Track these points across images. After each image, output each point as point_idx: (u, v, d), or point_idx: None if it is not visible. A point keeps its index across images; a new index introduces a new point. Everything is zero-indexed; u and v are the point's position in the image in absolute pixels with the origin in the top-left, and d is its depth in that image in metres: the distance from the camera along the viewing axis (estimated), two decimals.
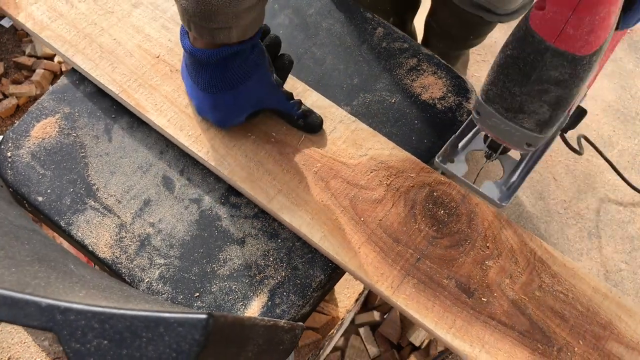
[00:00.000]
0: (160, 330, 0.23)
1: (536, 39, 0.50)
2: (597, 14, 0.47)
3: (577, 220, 1.24)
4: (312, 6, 0.92)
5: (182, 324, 0.23)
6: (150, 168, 0.79)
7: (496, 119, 0.58)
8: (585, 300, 0.67)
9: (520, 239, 0.71)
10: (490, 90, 0.56)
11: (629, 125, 1.34)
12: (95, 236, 0.74)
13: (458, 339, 0.65)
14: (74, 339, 0.23)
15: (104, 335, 0.23)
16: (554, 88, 0.52)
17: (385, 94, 0.85)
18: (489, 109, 0.58)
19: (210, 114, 0.73)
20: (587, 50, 0.49)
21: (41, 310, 0.23)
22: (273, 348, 0.36)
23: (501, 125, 0.58)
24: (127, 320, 0.23)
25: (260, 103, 0.73)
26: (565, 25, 0.48)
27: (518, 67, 0.53)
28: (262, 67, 0.69)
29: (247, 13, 0.62)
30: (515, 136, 0.58)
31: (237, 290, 0.71)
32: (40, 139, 0.80)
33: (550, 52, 0.50)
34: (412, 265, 0.69)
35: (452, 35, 1.18)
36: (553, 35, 0.49)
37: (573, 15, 0.47)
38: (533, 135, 0.57)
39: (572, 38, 0.49)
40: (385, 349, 1.20)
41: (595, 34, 0.48)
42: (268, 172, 0.74)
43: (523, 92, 0.54)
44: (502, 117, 0.57)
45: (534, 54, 0.51)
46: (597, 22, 0.48)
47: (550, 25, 0.49)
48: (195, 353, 0.23)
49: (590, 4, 0.46)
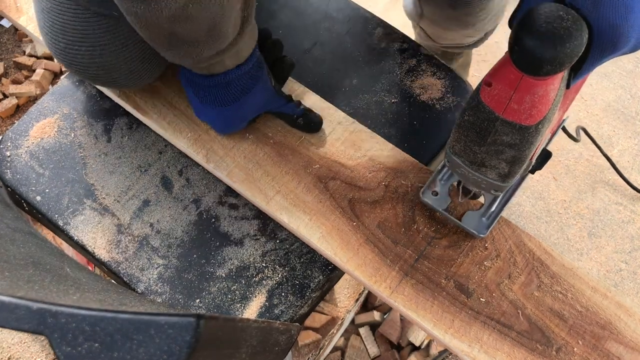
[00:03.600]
0: (151, 332, 0.23)
1: (487, 109, 0.55)
2: (536, 93, 0.51)
3: (577, 220, 1.24)
4: (311, 6, 0.92)
5: (173, 325, 0.23)
6: (149, 168, 0.79)
7: (464, 169, 0.63)
8: (584, 300, 0.67)
9: (519, 239, 0.70)
10: (455, 146, 0.62)
11: (629, 125, 1.33)
12: (93, 236, 0.75)
13: (456, 339, 0.65)
14: (65, 342, 0.23)
15: (95, 338, 0.23)
16: (508, 149, 0.57)
17: (385, 95, 0.85)
18: (457, 161, 0.63)
19: (211, 123, 0.74)
20: (532, 121, 0.54)
21: (32, 313, 0.23)
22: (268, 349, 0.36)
23: (469, 174, 0.63)
24: (118, 323, 0.23)
25: (260, 109, 0.73)
26: (510, 101, 0.53)
27: (475, 130, 0.58)
28: (261, 79, 0.70)
29: (233, 45, 0.62)
30: (483, 184, 0.63)
31: (235, 290, 0.71)
32: (39, 138, 0.80)
33: (500, 121, 0.55)
34: (410, 265, 0.69)
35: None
36: (500, 109, 0.54)
37: (515, 93, 0.52)
38: (497, 184, 0.62)
39: (517, 111, 0.53)
40: (385, 349, 1.20)
41: (536, 109, 0.53)
42: (267, 173, 0.74)
43: (482, 151, 0.59)
44: (468, 168, 0.62)
45: (486, 122, 0.56)
46: (537, 99, 0.52)
47: (497, 100, 0.54)
48: (185, 354, 0.23)
49: (529, 85, 0.51)
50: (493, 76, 0.53)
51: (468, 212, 0.71)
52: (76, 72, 0.69)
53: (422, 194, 0.71)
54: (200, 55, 0.61)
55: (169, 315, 0.23)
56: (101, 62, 0.67)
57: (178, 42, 0.58)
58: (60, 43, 0.66)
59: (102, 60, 0.67)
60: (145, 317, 0.23)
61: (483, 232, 0.69)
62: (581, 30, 0.46)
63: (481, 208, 0.71)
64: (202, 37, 0.58)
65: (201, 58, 0.61)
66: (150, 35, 0.58)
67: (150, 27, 0.55)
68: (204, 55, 0.61)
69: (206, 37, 0.58)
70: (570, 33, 0.46)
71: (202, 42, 0.58)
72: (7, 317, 0.23)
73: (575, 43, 0.46)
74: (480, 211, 0.71)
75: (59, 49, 0.67)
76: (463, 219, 0.70)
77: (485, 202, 0.71)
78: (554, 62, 0.47)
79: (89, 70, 0.68)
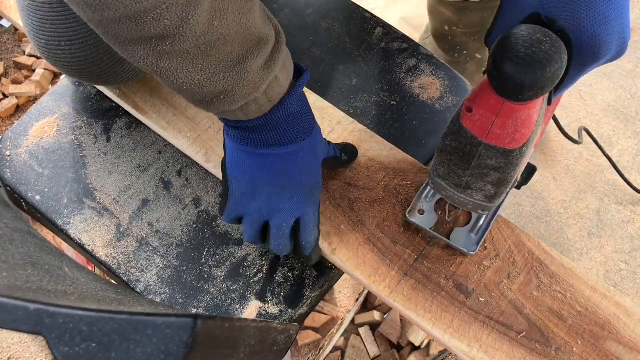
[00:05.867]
0: (148, 333, 0.23)
1: (469, 134, 0.54)
2: (519, 118, 0.51)
3: (577, 220, 1.24)
4: (310, 6, 0.92)
5: (170, 326, 0.23)
6: (148, 168, 0.79)
7: (449, 192, 0.62)
8: (583, 300, 0.67)
9: (518, 239, 0.70)
10: (439, 169, 0.61)
11: (629, 125, 1.33)
12: (92, 236, 0.75)
13: (456, 339, 0.65)
14: (63, 343, 0.23)
15: (93, 338, 0.23)
16: (493, 172, 0.57)
17: (384, 95, 0.85)
18: (441, 184, 0.62)
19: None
20: (516, 145, 0.53)
21: (29, 314, 0.23)
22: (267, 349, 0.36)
23: (454, 196, 0.63)
24: (115, 323, 0.23)
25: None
26: (492, 126, 0.52)
27: (458, 155, 0.57)
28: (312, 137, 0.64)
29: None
30: (469, 204, 0.63)
31: (234, 290, 0.71)
32: (38, 138, 0.80)
33: (484, 146, 0.54)
34: (410, 265, 0.69)
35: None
36: (483, 134, 0.53)
37: (497, 119, 0.51)
38: (484, 205, 0.62)
39: (500, 136, 0.53)
40: (385, 349, 1.20)
41: (520, 133, 0.52)
42: None
43: (467, 174, 0.58)
44: (454, 190, 0.62)
45: (469, 146, 0.55)
46: (519, 123, 0.51)
47: (479, 126, 0.53)
48: (183, 354, 0.23)
49: (511, 110, 0.50)
50: (473, 101, 0.52)
51: (456, 229, 0.70)
52: (62, 69, 0.69)
53: (408, 214, 0.70)
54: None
55: (166, 316, 0.24)
56: (82, 56, 0.66)
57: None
58: (41, 40, 0.66)
59: (83, 55, 0.66)
60: (143, 317, 0.23)
61: (472, 248, 0.68)
62: (561, 53, 0.45)
63: (469, 224, 0.70)
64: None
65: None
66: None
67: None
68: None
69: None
70: (550, 57, 0.45)
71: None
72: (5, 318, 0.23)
73: (556, 67, 0.45)
74: (468, 227, 0.70)
75: (41, 46, 0.67)
76: (451, 236, 0.69)
77: (473, 217, 0.71)
78: (535, 88, 0.46)
79: (73, 66, 0.68)
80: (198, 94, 0.53)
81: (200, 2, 0.44)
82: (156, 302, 0.65)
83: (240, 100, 0.54)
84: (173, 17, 0.44)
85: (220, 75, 0.51)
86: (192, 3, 0.44)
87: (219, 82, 0.51)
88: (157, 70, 0.49)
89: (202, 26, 0.46)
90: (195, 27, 0.45)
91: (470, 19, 1.11)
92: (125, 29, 0.44)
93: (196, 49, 0.47)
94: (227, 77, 0.51)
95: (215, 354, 0.26)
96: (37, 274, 0.33)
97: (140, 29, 0.44)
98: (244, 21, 0.49)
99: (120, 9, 0.41)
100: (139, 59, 0.48)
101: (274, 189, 0.63)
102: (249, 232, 0.66)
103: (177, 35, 0.45)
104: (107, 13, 0.42)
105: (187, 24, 0.45)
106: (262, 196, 0.63)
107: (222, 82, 0.51)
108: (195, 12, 0.44)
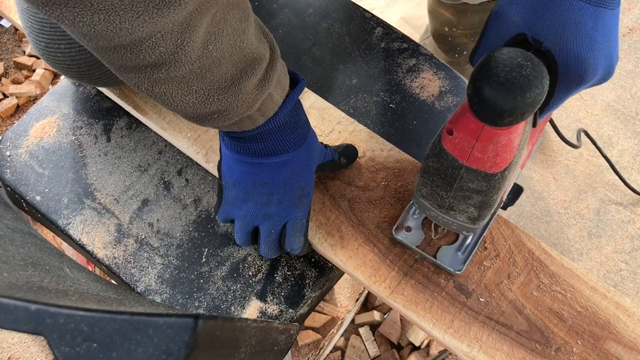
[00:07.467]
0: (149, 333, 0.23)
1: (450, 157, 0.54)
2: (499, 142, 0.50)
3: (577, 220, 1.24)
4: (310, 6, 0.92)
5: (171, 326, 0.23)
6: (148, 168, 0.79)
7: (433, 212, 0.62)
8: (583, 300, 0.67)
9: (518, 239, 0.70)
10: (422, 190, 0.60)
11: (629, 125, 1.33)
12: (93, 236, 0.75)
13: (456, 339, 0.65)
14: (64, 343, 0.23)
15: (94, 339, 0.23)
16: (475, 195, 0.56)
17: (384, 94, 0.85)
18: (425, 204, 0.62)
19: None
20: (497, 169, 0.52)
21: (30, 314, 0.23)
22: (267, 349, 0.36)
23: (438, 216, 0.62)
24: (116, 323, 0.23)
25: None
26: (473, 150, 0.51)
27: (440, 177, 0.56)
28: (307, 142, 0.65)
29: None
30: (453, 225, 0.62)
31: (235, 290, 0.71)
32: (39, 138, 0.80)
33: (465, 169, 0.54)
34: (410, 265, 0.69)
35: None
36: (463, 157, 0.53)
37: (477, 142, 0.50)
38: (467, 226, 0.61)
39: (480, 160, 0.52)
40: (385, 349, 1.20)
41: (501, 157, 0.51)
42: None
43: (449, 196, 0.58)
44: (437, 211, 0.61)
45: (451, 169, 0.55)
46: (500, 148, 0.50)
47: (459, 149, 0.52)
48: (184, 354, 0.23)
49: (491, 134, 0.49)
50: (454, 124, 0.51)
51: (442, 247, 0.69)
52: (62, 71, 0.69)
53: (394, 232, 0.69)
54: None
55: (167, 316, 0.24)
56: (82, 59, 0.66)
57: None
58: (41, 42, 0.66)
59: (81, 57, 0.66)
60: (144, 317, 0.24)
61: (459, 267, 0.67)
62: (542, 77, 0.44)
63: (456, 242, 0.69)
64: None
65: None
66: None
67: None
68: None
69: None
70: (530, 82, 0.43)
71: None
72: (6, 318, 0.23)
73: (536, 92, 0.44)
74: (455, 245, 0.69)
75: (40, 48, 0.67)
76: (438, 255, 0.68)
77: (460, 235, 0.70)
78: (514, 113, 0.44)
79: (72, 69, 0.68)
80: (192, 114, 0.53)
81: (196, 28, 0.44)
82: (156, 302, 0.65)
83: (234, 118, 0.54)
84: (168, 45, 0.43)
85: (214, 97, 0.51)
86: (188, 29, 0.43)
87: (214, 104, 0.51)
88: (152, 95, 0.49)
89: (197, 51, 0.45)
90: (191, 52, 0.45)
91: (470, 20, 1.12)
92: (120, 57, 0.44)
93: (191, 74, 0.47)
94: (222, 98, 0.51)
95: (216, 354, 0.26)
96: (38, 274, 0.33)
97: (135, 57, 0.44)
98: (239, 42, 0.49)
99: (115, 39, 0.41)
100: (134, 84, 0.48)
101: (263, 196, 0.64)
102: (239, 235, 0.67)
103: (172, 62, 0.45)
104: (101, 42, 0.42)
105: (182, 50, 0.44)
106: (252, 202, 0.64)
107: (216, 103, 0.51)
108: (191, 39, 0.44)
